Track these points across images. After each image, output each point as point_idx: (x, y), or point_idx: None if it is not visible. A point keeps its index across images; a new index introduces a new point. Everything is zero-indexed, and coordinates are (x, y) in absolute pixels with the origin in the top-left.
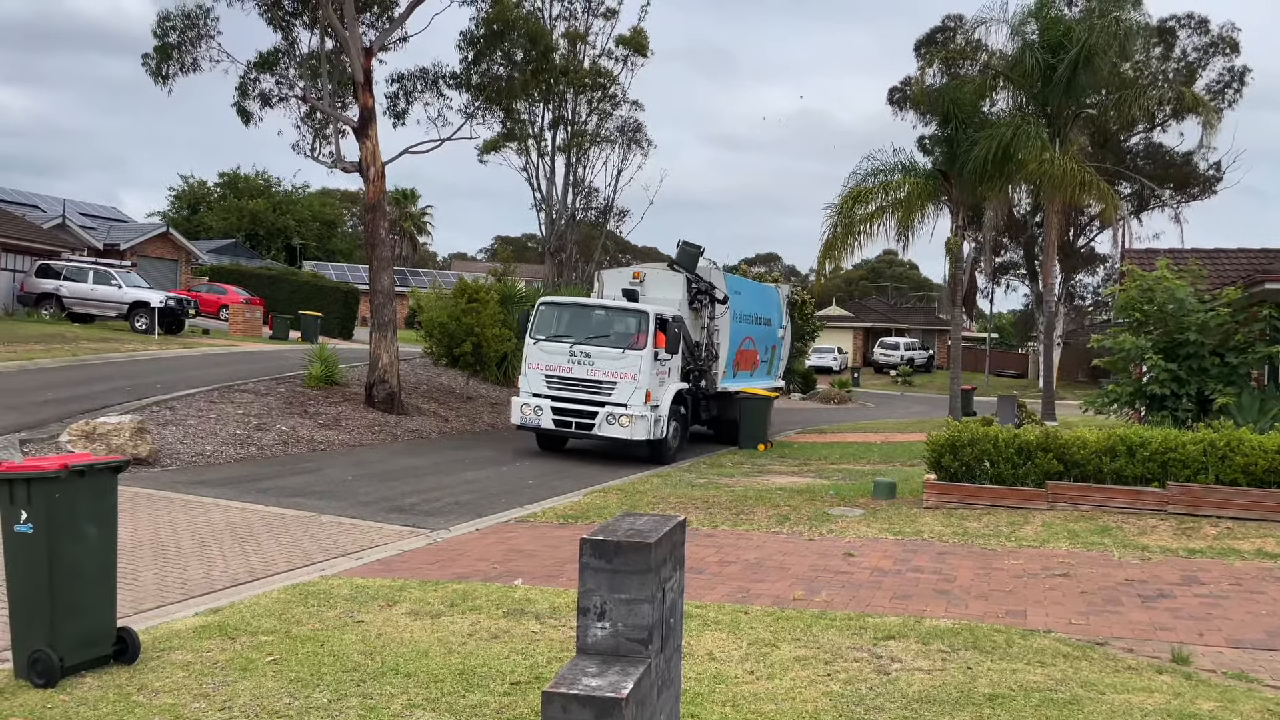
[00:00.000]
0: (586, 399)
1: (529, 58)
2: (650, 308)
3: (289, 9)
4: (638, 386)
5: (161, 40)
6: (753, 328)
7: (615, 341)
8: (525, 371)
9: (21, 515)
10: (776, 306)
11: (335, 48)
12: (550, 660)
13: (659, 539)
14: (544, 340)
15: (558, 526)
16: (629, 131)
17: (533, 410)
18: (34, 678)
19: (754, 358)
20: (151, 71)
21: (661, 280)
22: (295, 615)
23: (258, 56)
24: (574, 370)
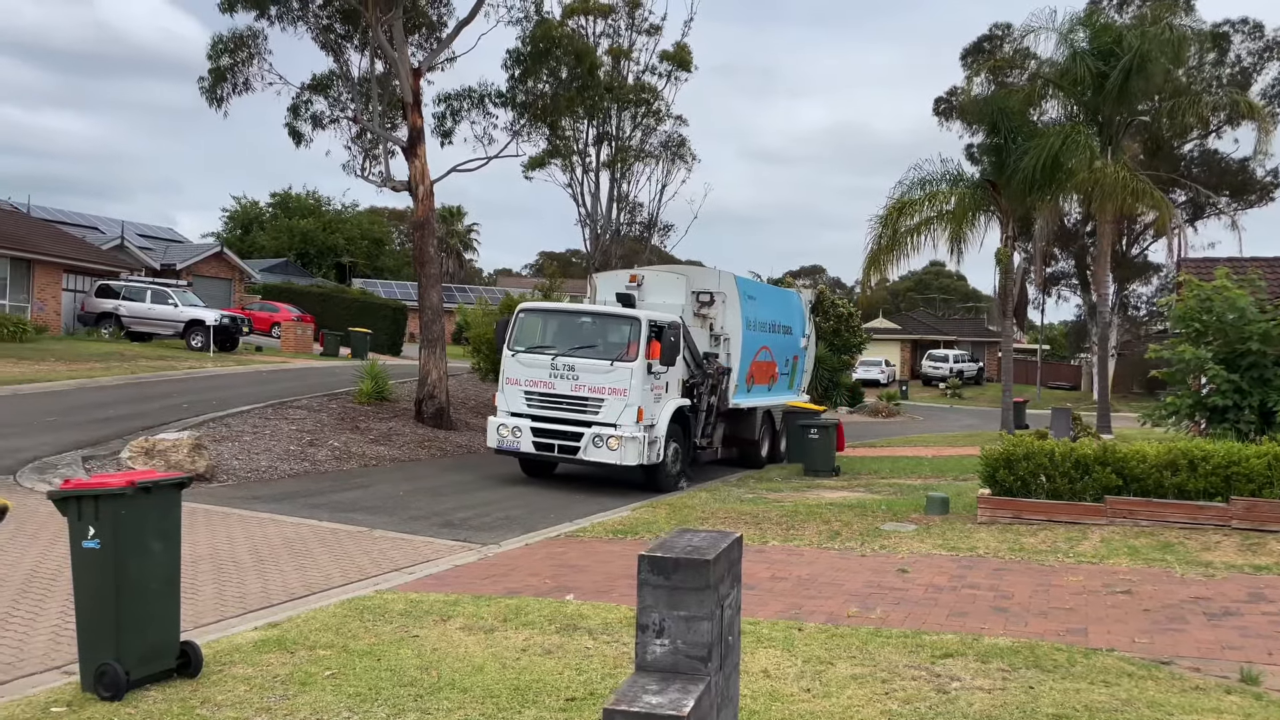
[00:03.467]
0: (571, 418)
1: (574, 75)
2: (643, 313)
3: (340, 32)
4: (628, 404)
5: (215, 62)
6: (769, 336)
7: (603, 352)
8: (503, 388)
9: (89, 531)
10: (798, 313)
11: (385, 70)
12: (604, 676)
13: (717, 556)
14: (523, 352)
15: (607, 542)
16: (672, 146)
17: (510, 432)
18: (101, 691)
19: (772, 370)
20: (206, 92)
21: (662, 283)
22: (352, 630)
23: (310, 79)
24: (556, 386)
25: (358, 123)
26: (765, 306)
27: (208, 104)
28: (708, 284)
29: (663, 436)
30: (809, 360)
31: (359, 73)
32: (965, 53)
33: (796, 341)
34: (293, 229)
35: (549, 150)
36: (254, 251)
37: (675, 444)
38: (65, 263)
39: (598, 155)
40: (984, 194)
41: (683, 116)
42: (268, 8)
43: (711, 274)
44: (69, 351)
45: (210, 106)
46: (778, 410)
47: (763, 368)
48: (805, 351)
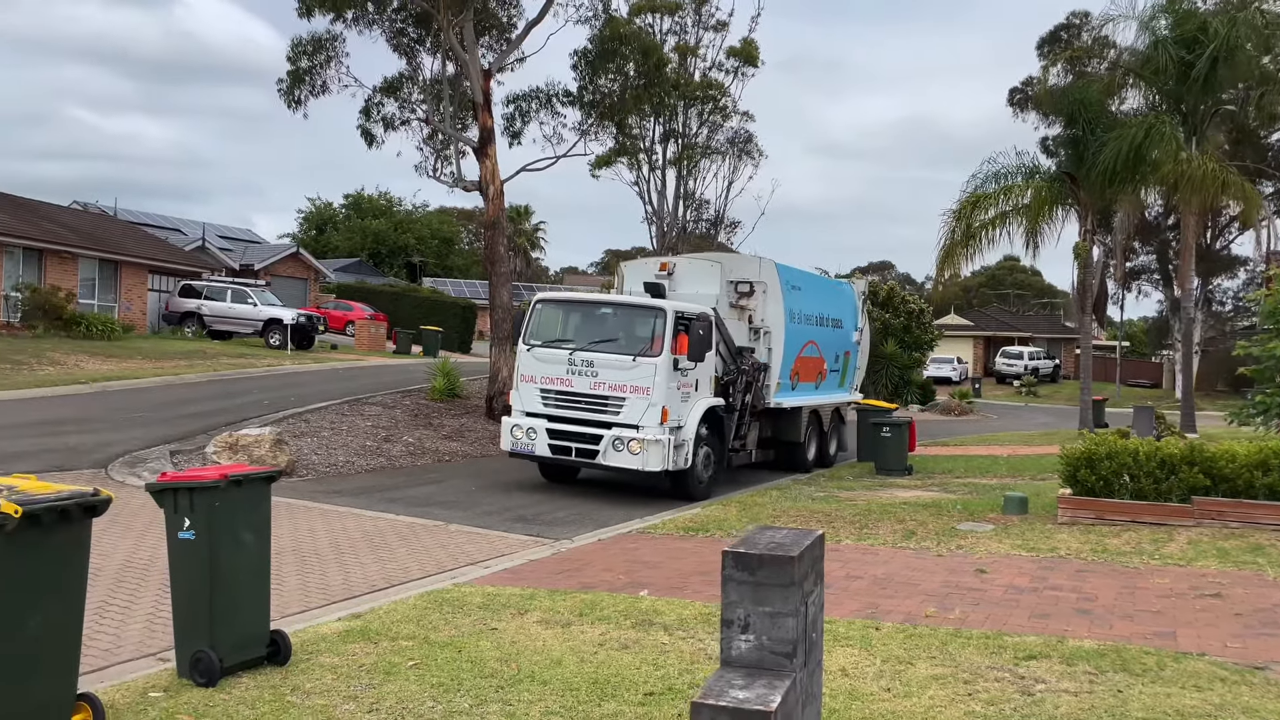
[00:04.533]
0: (590, 419)
1: (641, 72)
2: (668, 304)
3: (413, 35)
4: (651, 403)
5: (294, 65)
6: (816, 330)
7: (625, 347)
8: (517, 385)
9: (185, 523)
10: (850, 306)
11: (456, 71)
12: (681, 672)
13: (801, 552)
14: (540, 346)
15: (679, 538)
16: (739, 142)
17: (525, 433)
18: (196, 677)
19: (819, 366)
20: (285, 94)
21: (695, 272)
22: (432, 621)
23: (382, 81)
24: (574, 383)
25: (429, 124)
26: (812, 297)
27: (286, 106)
28: (746, 273)
29: (691, 439)
30: (862, 356)
31: (430, 74)
32: (1041, 42)
33: (848, 336)
34: (365, 229)
35: (616, 149)
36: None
37: (706, 447)
38: (150, 264)
39: (664, 152)
40: (1061, 187)
41: (749, 112)
42: (344, 11)
43: (750, 262)
44: (154, 349)
45: (289, 108)
46: (826, 410)
47: (809, 364)
48: (858, 347)
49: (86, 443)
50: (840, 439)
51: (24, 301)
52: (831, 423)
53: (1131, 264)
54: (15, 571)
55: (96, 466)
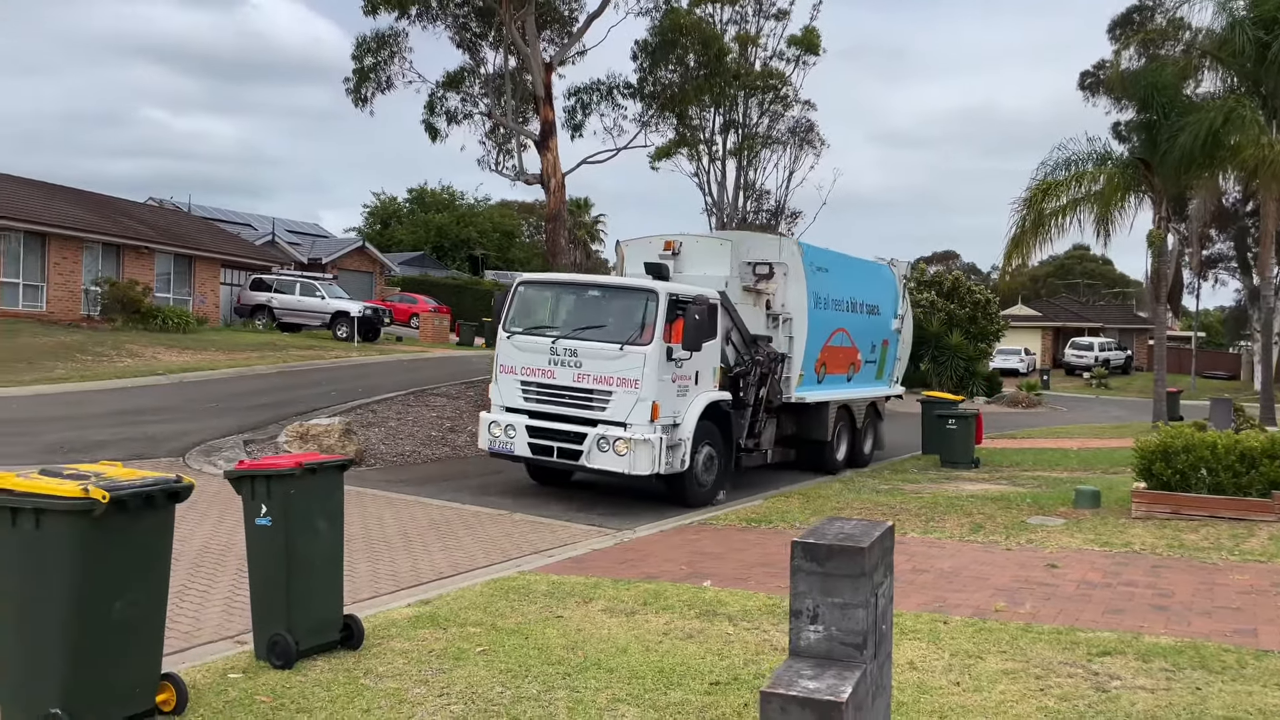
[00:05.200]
0: (573, 415)
1: (701, 63)
2: (661, 285)
3: (475, 30)
4: (640, 398)
5: (360, 62)
6: (848, 317)
7: (612, 334)
8: (496, 377)
9: (262, 509)
10: (890, 290)
11: (517, 65)
12: (746, 662)
13: (871, 544)
14: (521, 334)
15: (741, 530)
16: (800, 132)
17: (503, 431)
18: (273, 659)
19: (851, 356)
20: (351, 91)
21: (703, 252)
22: (499, 609)
23: (445, 76)
24: (557, 375)
25: (491, 118)
26: (842, 281)
27: (353, 104)
28: (764, 253)
29: (688, 438)
30: (904, 346)
31: (492, 69)
32: (1113, 25)
33: (886, 323)
34: (428, 223)
35: (676, 140)
36: (393, 245)
37: (709, 447)
38: (223, 258)
39: (724, 143)
40: (1134, 173)
41: (811, 101)
42: (408, 8)
43: (769, 241)
44: (227, 341)
45: (355, 106)
46: (860, 405)
47: (838, 354)
48: (899, 336)
49: (164, 432)
50: (877, 436)
51: (104, 295)
52: (866, 419)
53: (1208, 252)
54: (103, 556)
55: (174, 455)
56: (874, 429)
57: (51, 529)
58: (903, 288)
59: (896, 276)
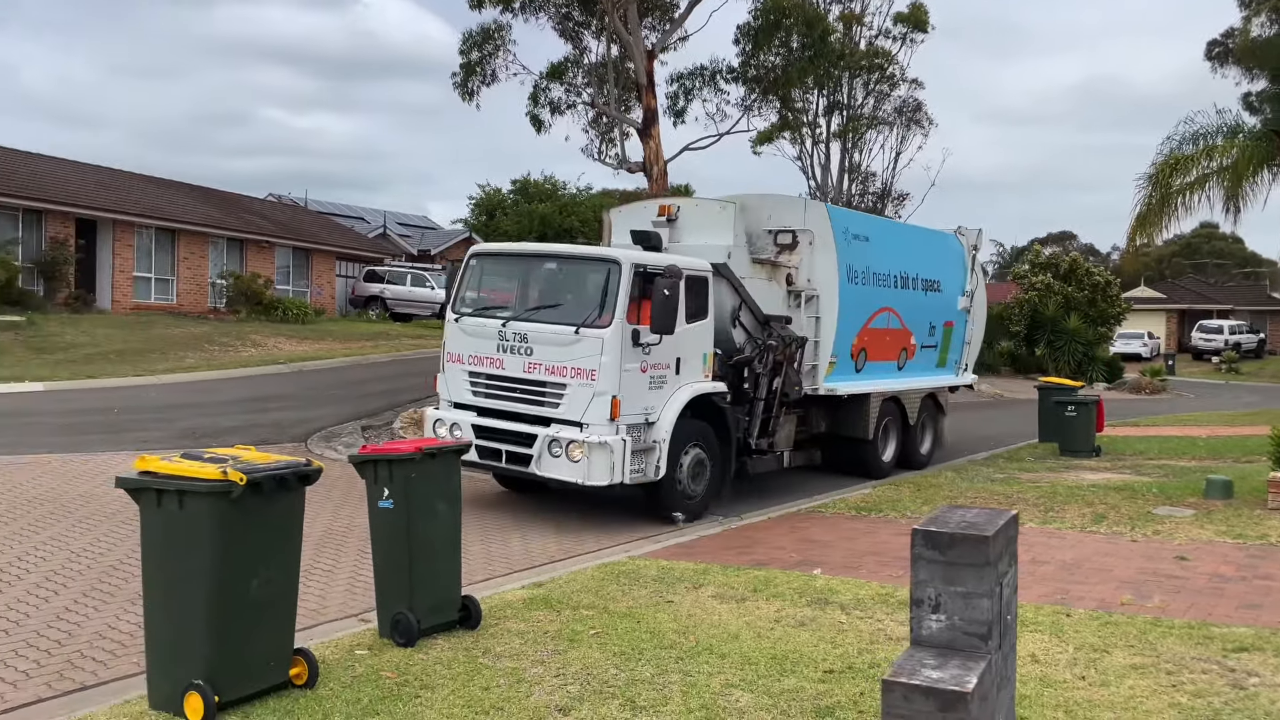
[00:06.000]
0: (524, 413)
1: (805, 45)
2: (625, 254)
3: (578, 19)
4: (597, 391)
5: (466, 57)
6: (897, 294)
7: (567, 315)
8: (443, 366)
9: (384, 493)
10: (955, 263)
11: (619, 53)
12: (860, 651)
13: (996, 532)
14: (470, 315)
15: (850, 518)
16: (908, 112)
17: (448, 430)
18: (396, 637)
19: (901, 340)
20: (458, 86)
21: (703, 218)
22: (610, 592)
23: (548, 67)
24: (506, 365)
25: (593, 107)
26: (888, 251)
27: (460, 98)
28: (785, 218)
29: (665, 439)
30: (975, 327)
31: (594, 58)
32: None
33: (949, 301)
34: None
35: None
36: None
37: (699, 450)
38: (338, 251)
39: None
40: (1269, 145)
41: (918, 80)
42: (512, 1)
43: (791, 204)
44: (343, 331)
45: (462, 100)
46: (914, 397)
47: (883, 337)
48: (966, 315)
49: (287, 418)
50: (938, 433)
51: (229, 288)
52: (922, 413)
53: None
54: (240, 535)
55: (296, 440)
56: (933, 425)
57: (193, 509)
58: (972, 259)
59: (965, 247)
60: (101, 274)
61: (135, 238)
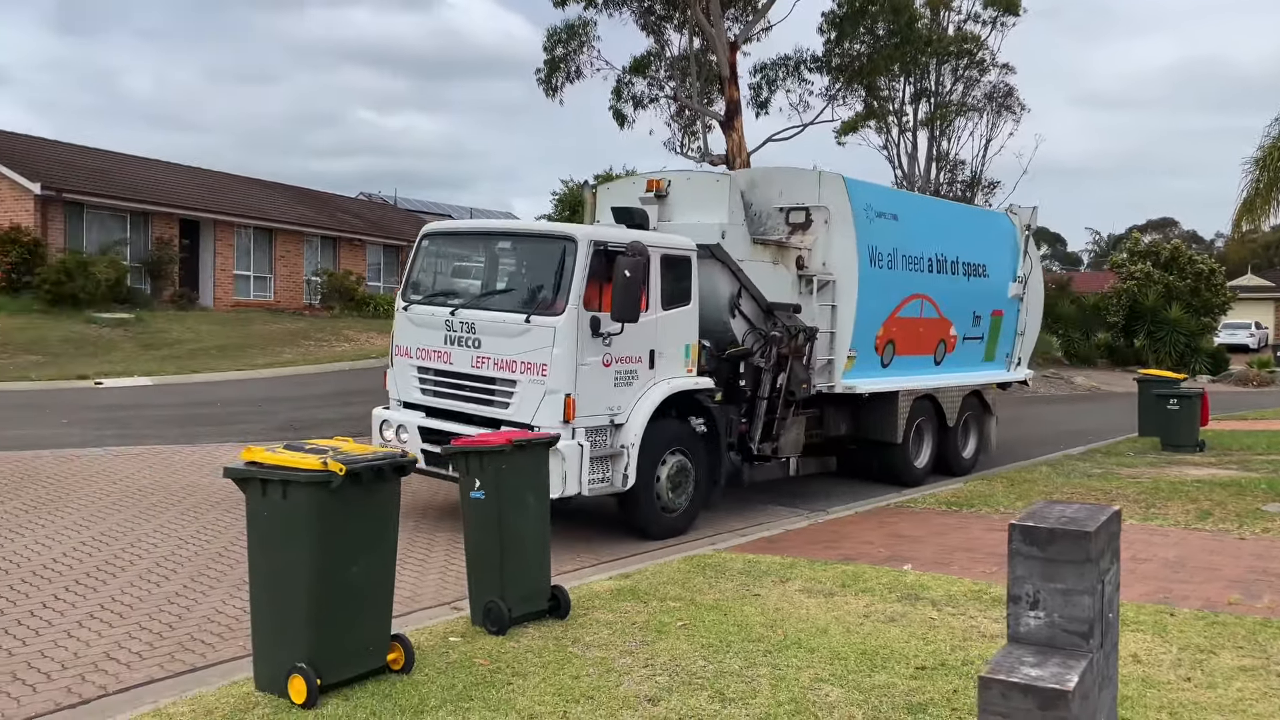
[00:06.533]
0: (473, 415)
1: (891, 32)
2: (583, 231)
3: (660, 13)
4: (548, 390)
5: (550, 53)
6: (932, 279)
7: (519, 301)
8: (392, 360)
9: (475, 483)
10: (1005, 245)
11: (702, 45)
12: (953, 648)
13: (1098, 528)
14: (420, 303)
15: (940, 513)
16: (998, 97)
17: (395, 434)
18: (488, 625)
19: (938, 331)
20: (542, 82)
21: (696, 193)
22: (696, 585)
23: (631, 61)
24: (454, 358)
25: (676, 100)
26: (920, 231)
27: (545, 94)
28: (798, 193)
29: (635, 444)
30: (1029, 316)
31: (677, 50)
32: None
33: (998, 287)
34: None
35: (864, 113)
36: None
37: (681, 456)
38: None
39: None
40: None
41: (1009, 64)
42: None
43: (804, 178)
44: None
45: (546, 96)
46: (952, 395)
47: (914, 328)
48: (1019, 304)
49: None
50: (983, 434)
51: (323, 285)
52: (964, 413)
53: None
54: (340, 524)
55: None
56: (978, 426)
57: (295, 499)
58: (1026, 241)
59: (1017, 227)
60: (203, 272)
61: (235, 237)
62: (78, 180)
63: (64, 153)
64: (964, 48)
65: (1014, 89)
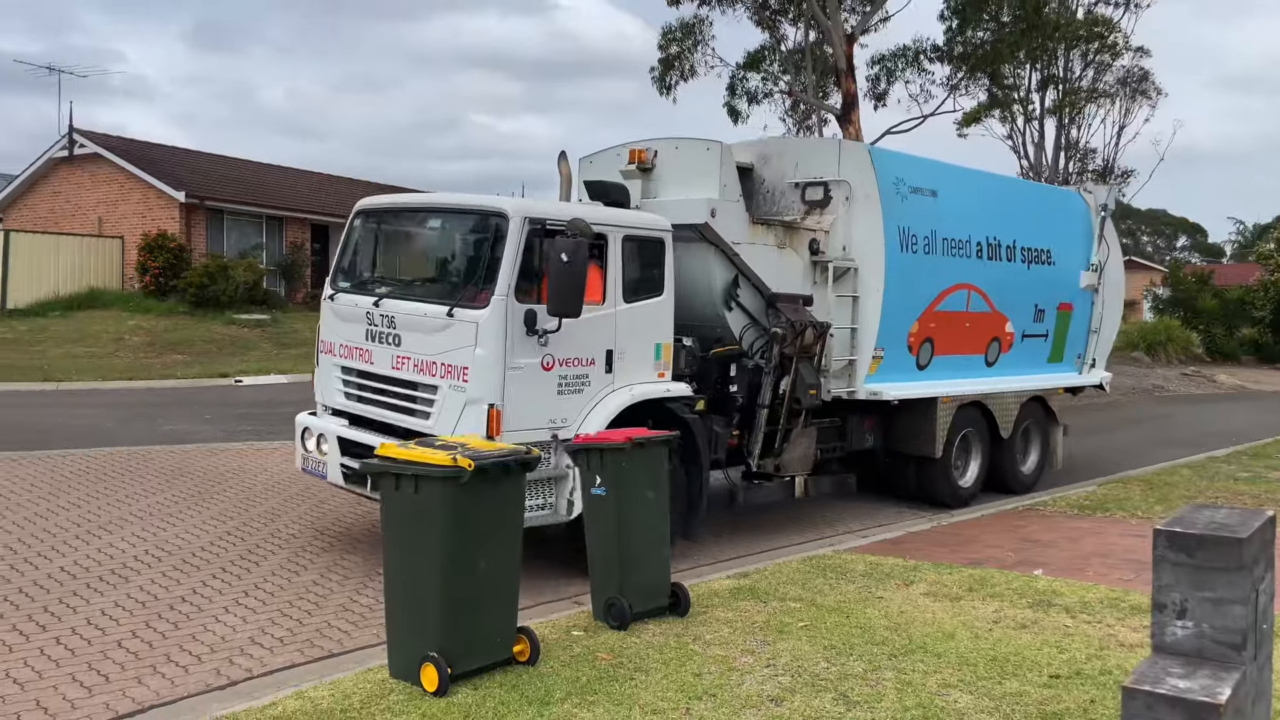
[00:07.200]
0: (397, 426)
1: (1017, 17)
2: (516, 205)
3: (775, 7)
4: (470, 399)
5: (665, 52)
6: (982, 267)
7: (443, 290)
8: (318, 359)
9: (596, 480)
10: (1077, 228)
11: (817, 39)
12: (1089, 657)
13: (1251, 534)
14: (347, 290)
15: (1072, 517)
16: (1132, 82)
17: (315, 443)
18: (609, 620)
19: (992, 328)
20: (656, 81)
21: (686, 165)
22: (816, 586)
23: (745, 57)
24: (375, 357)
25: (790, 95)
26: (968, 210)
27: (659, 93)
28: (814, 166)
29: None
30: (1103, 311)
31: (792, 45)
32: None
33: (1066, 276)
34: None
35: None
36: None
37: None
38: None
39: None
40: None
41: (1144, 48)
42: None
43: (823, 148)
44: None
45: (660, 95)
46: (1008, 403)
47: (958, 323)
48: (1093, 296)
49: None
50: (1047, 448)
51: None
52: (1022, 422)
53: None
54: (469, 517)
55: None
56: (1041, 438)
57: (427, 493)
58: (1101, 224)
59: (1091, 208)
60: None
61: None
62: (218, 188)
63: (205, 163)
64: (1094, 31)
65: (1149, 73)
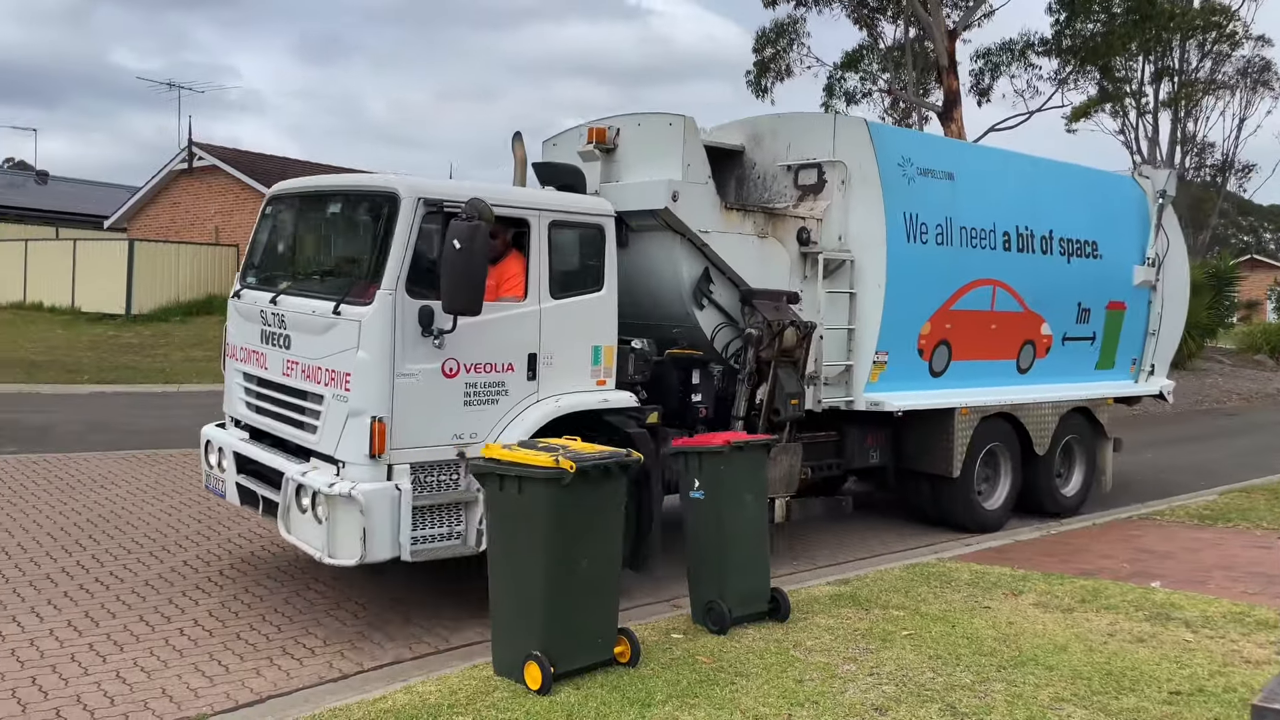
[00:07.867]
0: (290, 441)
1: (1129, 8)
2: (407, 185)
3: (873, 5)
4: (352, 410)
5: (760, 54)
6: (1010, 260)
7: (331, 286)
8: (224, 362)
9: (695, 483)
10: (1130, 217)
11: (917, 35)
12: (1212, 674)
13: None
14: (252, 286)
15: (1191, 527)
16: (1253, 73)
17: (217, 456)
18: (709, 624)
19: (1023, 329)
20: (751, 84)
21: (648, 143)
22: (920, 594)
23: (843, 56)
24: (269, 361)
25: (890, 93)
26: (992, 194)
27: (753, 94)
28: (808, 146)
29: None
30: (1168, 309)
31: (890, 42)
32: None
33: (1116, 271)
34: None
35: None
36: None
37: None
38: None
39: (1155, 94)
40: None
41: (1265, 37)
42: None
43: (818, 124)
44: None
45: (756, 97)
46: (1044, 415)
47: (981, 324)
48: (1149, 294)
49: None
50: (1093, 465)
51: None
52: (1061, 437)
53: None
54: (571, 518)
55: None
56: (1085, 455)
57: (530, 493)
58: (1159, 213)
59: (1147, 194)
60: None
61: None
62: None
63: (314, 172)
64: (1212, 20)
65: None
